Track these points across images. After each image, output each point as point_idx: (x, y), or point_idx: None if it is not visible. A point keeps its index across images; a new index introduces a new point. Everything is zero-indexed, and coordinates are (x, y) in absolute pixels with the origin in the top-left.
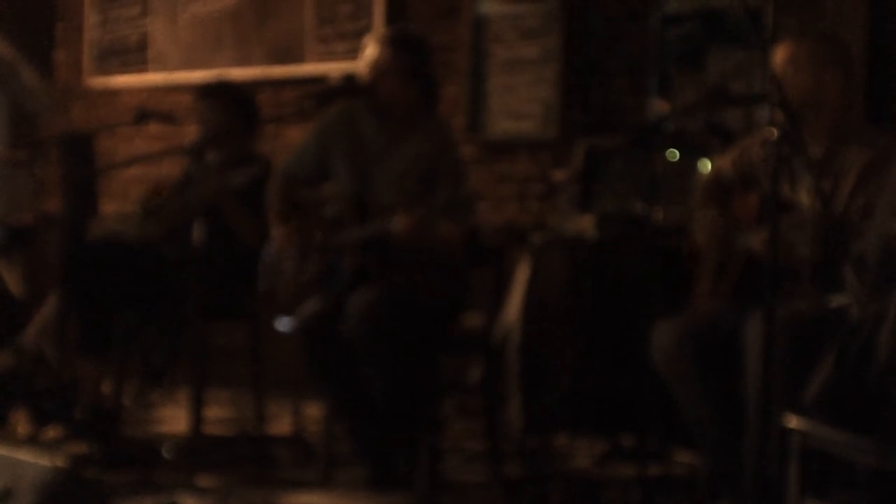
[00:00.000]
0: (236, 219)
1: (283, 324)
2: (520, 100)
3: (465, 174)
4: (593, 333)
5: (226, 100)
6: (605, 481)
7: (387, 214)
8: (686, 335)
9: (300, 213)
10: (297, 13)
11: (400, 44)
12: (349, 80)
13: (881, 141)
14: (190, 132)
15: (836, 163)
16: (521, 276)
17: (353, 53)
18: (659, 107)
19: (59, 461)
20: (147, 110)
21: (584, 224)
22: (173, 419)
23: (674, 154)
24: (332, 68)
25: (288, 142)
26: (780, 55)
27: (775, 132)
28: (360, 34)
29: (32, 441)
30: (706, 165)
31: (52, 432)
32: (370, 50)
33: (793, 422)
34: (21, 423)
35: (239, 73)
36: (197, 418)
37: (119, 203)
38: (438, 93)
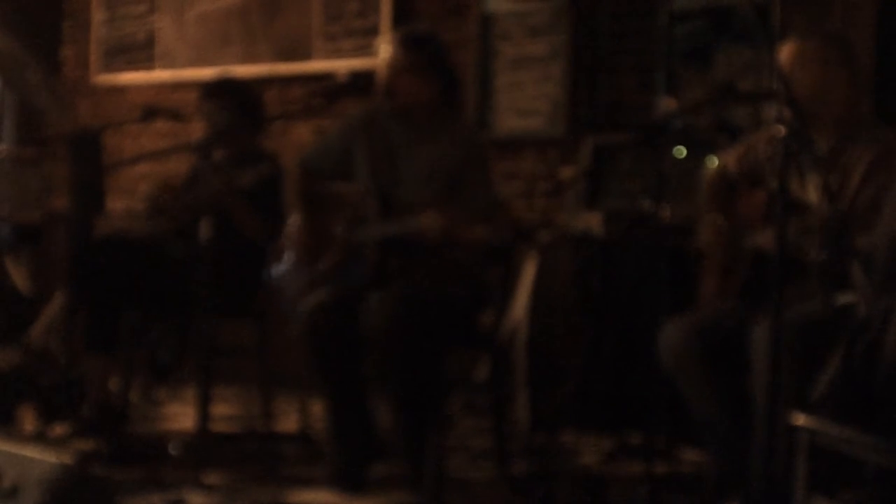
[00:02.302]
0: (243, 217)
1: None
2: (527, 97)
3: (492, 175)
4: (600, 331)
5: (230, 98)
6: (611, 479)
7: (414, 212)
8: (693, 334)
9: (318, 204)
10: (304, 10)
11: (410, 42)
12: (357, 77)
13: (888, 137)
14: (197, 129)
15: (842, 159)
16: (529, 274)
17: (361, 51)
18: (666, 104)
19: (66, 458)
20: (154, 108)
21: (592, 221)
22: (180, 416)
23: (681, 151)
24: (340, 66)
25: (295, 139)
26: (785, 54)
27: (782, 129)
28: (367, 32)
29: (39, 438)
30: (713, 163)
31: (59, 429)
32: (383, 52)
33: (800, 420)
34: (28, 420)
35: (246, 71)
36: (204, 415)
37: (126, 200)
38: (459, 89)
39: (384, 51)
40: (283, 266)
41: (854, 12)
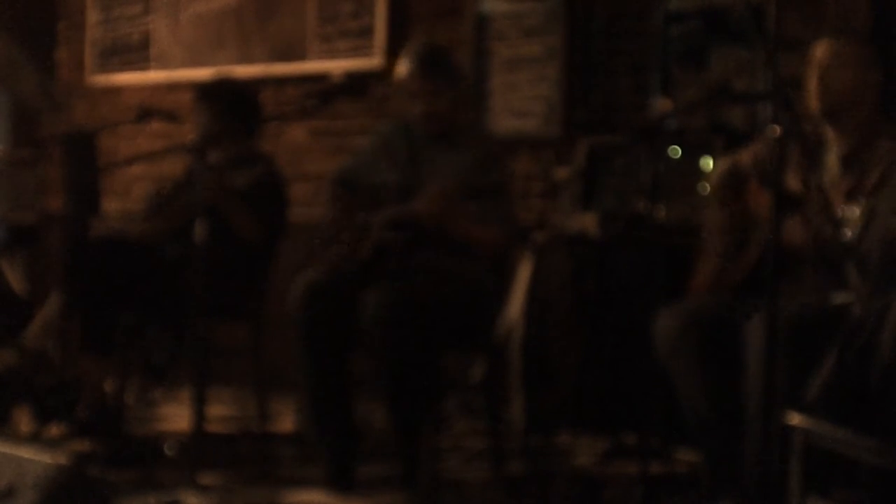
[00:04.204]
0: (238, 218)
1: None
2: (522, 98)
3: (507, 181)
4: (595, 332)
5: (226, 99)
6: (607, 480)
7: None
8: (690, 323)
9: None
10: (299, 11)
11: (427, 67)
12: (351, 78)
13: None
14: (192, 130)
15: (862, 159)
16: (524, 275)
17: (356, 51)
18: (661, 105)
19: (62, 459)
20: (149, 108)
21: (587, 222)
22: (176, 417)
23: (676, 152)
24: (335, 66)
25: (290, 140)
26: (820, 52)
27: (779, 130)
28: (362, 32)
29: (35, 439)
30: (708, 163)
31: (54, 430)
32: (401, 69)
33: (795, 420)
34: (24, 421)
35: (241, 72)
36: (199, 416)
37: (121, 202)
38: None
39: (401, 68)
40: None
41: (849, 13)
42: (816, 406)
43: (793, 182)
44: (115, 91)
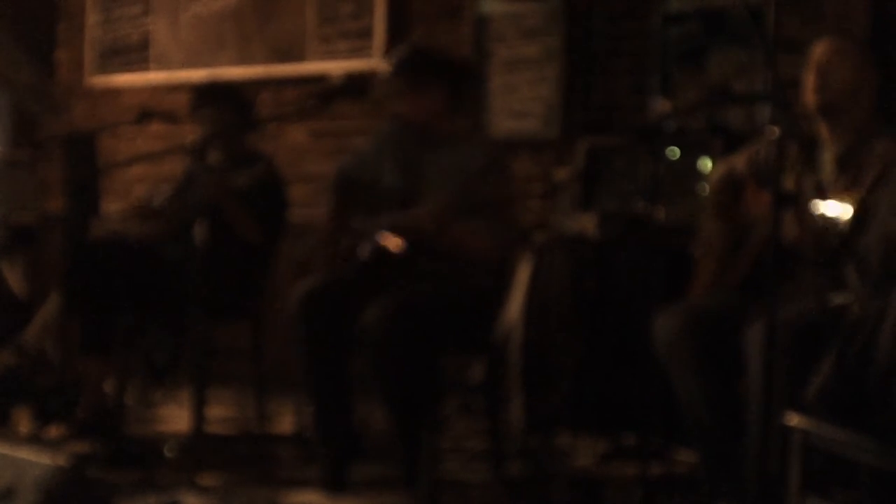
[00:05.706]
0: (238, 219)
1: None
2: (521, 99)
3: (510, 188)
4: (595, 333)
5: (222, 101)
6: (606, 481)
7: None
8: (689, 324)
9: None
10: (298, 12)
11: (400, 67)
12: (351, 79)
13: None
14: (192, 131)
15: (858, 158)
16: (523, 276)
17: (355, 52)
18: (660, 106)
19: (62, 460)
20: (149, 110)
21: (586, 223)
22: (175, 418)
23: (675, 153)
24: (334, 67)
25: (290, 141)
26: (820, 50)
27: (777, 131)
28: (361, 33)
29: (34, 440)
30: (707, 164)
31: (54, 431)
32: (386, 68)
33: (794, 420)
34: (23, 422)
35: (240, 73)
36: (199, 417)
37: (121, 203)
38: (465, 84)
39: (386, 68)
40: None
41: (847, 14)
42: (816, 406)
43: (788, 180)
44: (115, 92)
